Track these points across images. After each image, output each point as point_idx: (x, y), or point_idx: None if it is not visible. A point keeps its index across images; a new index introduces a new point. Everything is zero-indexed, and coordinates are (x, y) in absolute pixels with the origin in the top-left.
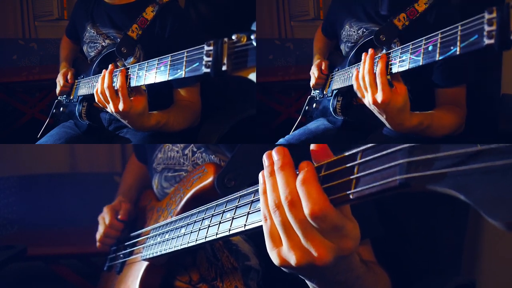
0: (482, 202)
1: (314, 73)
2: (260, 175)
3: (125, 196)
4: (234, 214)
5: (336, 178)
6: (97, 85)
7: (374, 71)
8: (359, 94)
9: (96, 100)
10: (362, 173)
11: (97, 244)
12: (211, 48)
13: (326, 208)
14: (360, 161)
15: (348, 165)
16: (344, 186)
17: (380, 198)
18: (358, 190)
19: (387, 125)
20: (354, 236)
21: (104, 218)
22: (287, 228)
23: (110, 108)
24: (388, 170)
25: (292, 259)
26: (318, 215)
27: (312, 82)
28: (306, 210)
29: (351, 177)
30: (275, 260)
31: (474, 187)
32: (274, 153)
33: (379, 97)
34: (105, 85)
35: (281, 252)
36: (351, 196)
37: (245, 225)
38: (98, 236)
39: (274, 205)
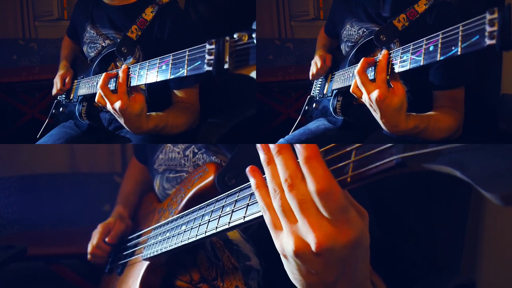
0: (478, 177)
1: (316, 62)
2: (247, 171)
3: (125, 205)
4: (233, 207)
5: (334, 163)
6: (99, 82)
7: (365, 70)
8: (356, 95)
9: (96, 99)
10: (359, 156)
11: (88, 257)
12: (213, 46)
13: (333, 184)
14: (357, 145)
15: (346, 150)
16: (342, 170)
17: (378, 182)
18: (355, 173)
19: (382, 126)
20: (356, 225)
21: (94, 236)
22: (287, 213)
23: (108, 105)
24: (385, 151)
25: (290, 245)
26: (325, 191)
27: (313, 71)
28: (312, 187)
29: (348, 161)
30: (278, 248)
31: (468, 163)
32: (271, 144)
33: (375, 93)
34: (102, 83)
35: (282, 240)
36: (348, 180)
37: (244, 217)
38: (88, 252)
39: (274, 192)
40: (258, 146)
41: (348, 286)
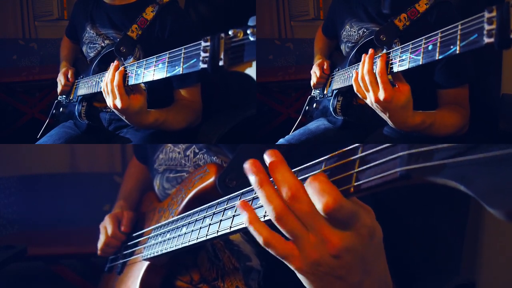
0: (482, 192)
1: (315, 72)
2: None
3: (126, 200)
4: (235, 211)
5: (337, 173)
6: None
7: (374, 70)
8: (360, 96)
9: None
10: (363, 167)
11: (98, 252)
12: (208, 43)
13: (339, 198)
14: (361, 155)
15: (349, 159)
16: (345, 180)
17: (382, 192)
18: (358, 184)
19: (390, 123)
20: (367, 222)
21: (106, 227)
22: (298, 231)
23: (109, 103)
24: (389, 162)
25: (310, 259)
26: (334, 207)
27: (313, 81)
28: (319, 205)
29: (352, 171)
30: (297, 269)
31: (473, 178)
32: (265, 156)
33: (381, 95)
34: (107, 79)
35: (300, 259)
36: (351, 190)
37: None
38: (99, 244)
39: (275, 216)
40: (246, 166)
41: (374, 284)
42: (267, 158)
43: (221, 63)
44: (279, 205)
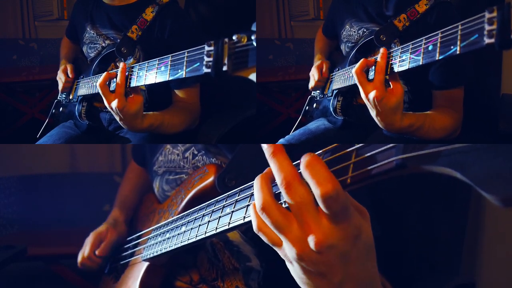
0: (478, 179)
1: (314, 75)
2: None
3: (122, 208)
4: (233, 208)
5: (334, 164)
6: (99, 80)
7: (364, 70)
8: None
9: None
10: (359, 158)
11: (78, 265)
12: (211, 48)
13: (337, 186)
14: (357, 146)
15: (346, 151)
16: (342, 171)
17: (378, 183)
18: (355, 174)
19: (378, 123)
20: (354, 221)
21: (86, 246)
22: (280, 226)
23: (106, 103)
24: (385, 152)
25: (293, 250)
26: (330, 194)
27: (311, 84)
28: (316, 190)
29: (348, 162)
30: (284, 257)
31: (469, 164)
32: (264, 146)
33: (372, 94)
34: (97, 83)
35: (285, 250)
36: (348, 181)
37: (244, 217)
38: (78, 259)
39: (260, 207)
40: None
41: (355, 286)
42: (266, 146)
43: (224, 68)
44: (267, 198)
